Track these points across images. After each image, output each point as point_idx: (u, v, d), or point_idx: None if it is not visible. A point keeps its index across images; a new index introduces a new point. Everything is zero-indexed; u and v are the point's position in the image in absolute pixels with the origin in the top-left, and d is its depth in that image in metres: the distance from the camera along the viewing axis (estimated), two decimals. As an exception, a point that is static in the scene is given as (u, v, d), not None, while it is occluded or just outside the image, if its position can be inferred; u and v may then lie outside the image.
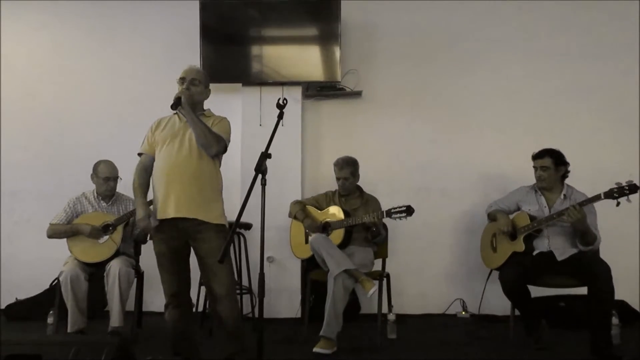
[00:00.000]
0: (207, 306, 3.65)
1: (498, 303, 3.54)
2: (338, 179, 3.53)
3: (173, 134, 2.62)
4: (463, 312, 4.01)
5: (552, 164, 3.20)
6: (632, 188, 2.82)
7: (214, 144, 2.56)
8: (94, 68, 4.34)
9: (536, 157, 3.26)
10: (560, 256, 3.11)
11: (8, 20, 4.35)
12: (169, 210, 2.53)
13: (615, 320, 3.02)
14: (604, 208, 2.99)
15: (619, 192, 2.83)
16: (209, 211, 2.56)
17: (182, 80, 2.66)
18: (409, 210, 3.17)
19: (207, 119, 2.66)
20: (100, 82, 4.33)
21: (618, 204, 2.84)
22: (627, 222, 3.82)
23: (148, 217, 2.57)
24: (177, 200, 2.52)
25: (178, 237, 2.56)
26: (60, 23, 4.38)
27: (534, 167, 3.27)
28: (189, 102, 2.57)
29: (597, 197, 2.90)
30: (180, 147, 2.58)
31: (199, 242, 2.55)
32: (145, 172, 2.67)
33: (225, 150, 2.66)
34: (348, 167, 3.50)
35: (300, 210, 3.57)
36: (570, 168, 3.26)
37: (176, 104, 2.57)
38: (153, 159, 2.67)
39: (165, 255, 2.58)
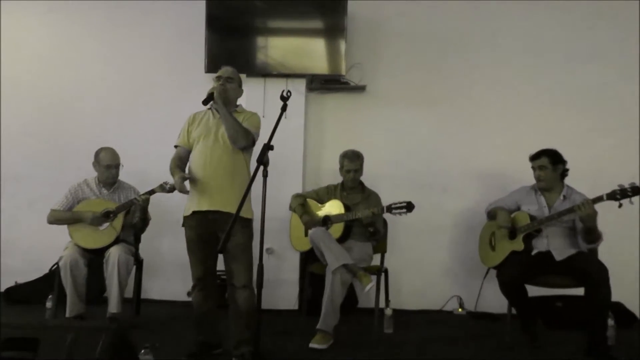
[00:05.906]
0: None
1: (495, 301, 3.54)
2: (348, 171, 3.51)
3: (207, 129, 2.80)
4: (460, 309, 4.03)
5: (549, 163, 3.21)
6: (634, 190, 2.81)
7: (243, 137, 2.73)
8: (99, 56, 4.33)
9: (533, 158, 3.28)
10: (558, 256, 3.11)
11: (14, 9, 4.32)
12: (203, 203, 2.72)
13: (610, 322, 3.02)
14: (602, 210, 2.99)
15: (621, 194, 2.83)
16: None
17: (218, 78, 2.85)
18: (409, 207, 3.19)
19: (239, 115, 2.83)
20: (105, 70, 4.32)
21: (620, 205, 2.84)
22: (626, 224, 3.79)
23: (183, 180, 2.74)
24: (211, 195, 2.71)
25: (208, 227, 2.73)
26: (66, 11, 4.35)
27: (532, 167, 3.28)
28: (222, 96, 2.74)
29: (599, 198, 2.90)
30: (215, 143, 2.76)
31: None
32: (180, 161, 2.86)
33: (253, 144, 2.83)
34: (358, 159, 3.53)
35: (299, 205, 3.57)
36: (570, 167, 3.26)
37: (208, 99, 2.75)
38: (188, 151, 2.84)
39: (194, 242, 2.78)
